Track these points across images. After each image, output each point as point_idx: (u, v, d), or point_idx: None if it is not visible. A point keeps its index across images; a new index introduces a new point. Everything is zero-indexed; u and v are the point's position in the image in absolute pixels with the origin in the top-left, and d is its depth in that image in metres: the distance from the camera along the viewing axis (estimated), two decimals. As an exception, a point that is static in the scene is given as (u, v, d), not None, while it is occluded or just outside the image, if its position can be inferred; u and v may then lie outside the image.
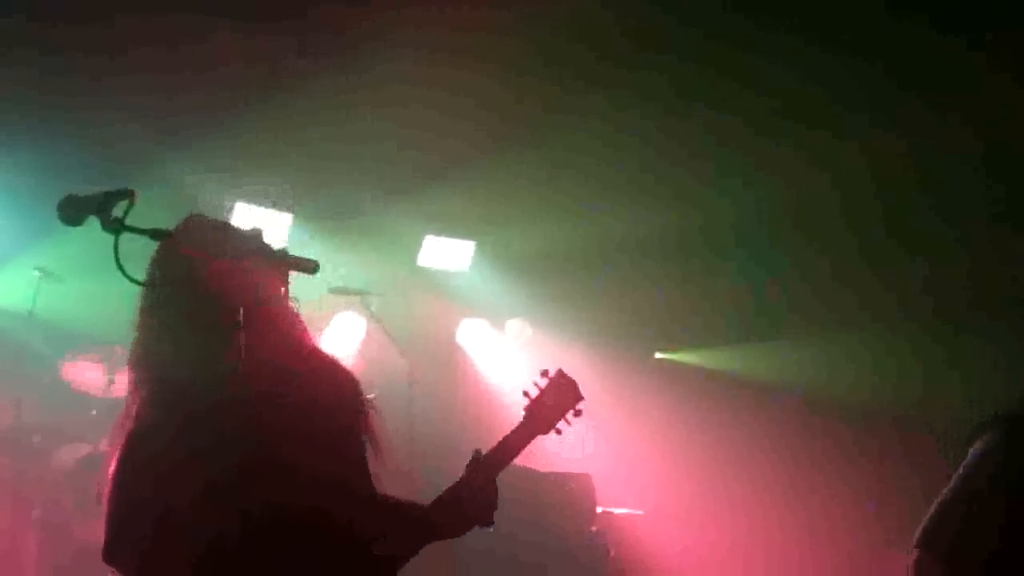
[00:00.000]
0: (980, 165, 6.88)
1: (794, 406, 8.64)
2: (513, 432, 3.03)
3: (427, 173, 7.61)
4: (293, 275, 2.76)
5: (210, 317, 2.62)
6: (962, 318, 7.79)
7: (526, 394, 3.11)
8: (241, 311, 2.61)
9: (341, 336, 7.93)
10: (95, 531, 2.62)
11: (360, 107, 6.86)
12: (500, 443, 2.98)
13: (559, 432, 3.10)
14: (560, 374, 3.14)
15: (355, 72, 6.49)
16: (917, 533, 3.54)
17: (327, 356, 2.86)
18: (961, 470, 3.55)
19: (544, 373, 3.13)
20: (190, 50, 6.29)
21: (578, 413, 3.10)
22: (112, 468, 2.62)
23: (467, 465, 2.92)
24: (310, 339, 2.82)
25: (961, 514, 3.45)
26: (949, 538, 3.44)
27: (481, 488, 2.89)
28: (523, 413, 3.08)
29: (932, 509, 3.54)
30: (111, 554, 2.57)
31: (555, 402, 3.08)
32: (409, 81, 6.62)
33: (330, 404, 2.73)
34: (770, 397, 8.83)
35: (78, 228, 2.61)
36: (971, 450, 3.56)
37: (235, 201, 7.44)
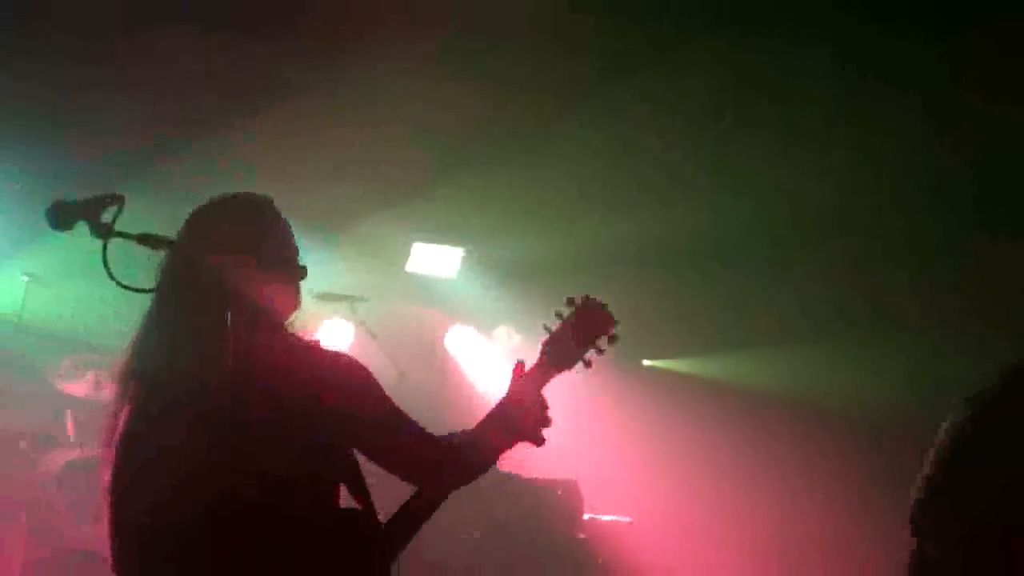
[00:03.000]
0: (971, 174, 6.91)
1: (781, 413, 8.66)
2: (529, 372, 2.86)
3: (416, 180, 7.62)
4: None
5: (207, 318, 2.59)
6: (947, 325, 7.83)
7: (545, 327, 2.89)
8: (233, 313, 2.61)
9: (329, 342, 7.93)
10: (83, 535, 2.63)
11: (348, 113, 6.87)
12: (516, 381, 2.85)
13: (588, 365, 2.92)
14: (586, 300, 2.94)
15: (343, 79, 6.51)
16: (911, 516, 3.66)
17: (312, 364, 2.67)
18: (931, 450, 3.72)
19: (569, 301, 2.93)
20: (179, 57, 6.29)
21: (612, 339, 2.93)
22: (108, 476, 2.63)
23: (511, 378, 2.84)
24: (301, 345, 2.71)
25: (939, 490, 3.60)
26: (936, 513, 3.57)
27: (529, 400, 2.80)
28: (540, 349, 2.88)
29: (913, 493, 3.67)
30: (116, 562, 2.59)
31: (580, 333, 2.90)
32: (398, 88, 6.63)
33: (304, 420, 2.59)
34: (757, 404, 8.86)
35: (67, 233, 2.63)
36: (940, 432, 3.74)
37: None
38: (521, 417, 2.80)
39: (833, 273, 8.05)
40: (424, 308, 8.88)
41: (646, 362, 9.80)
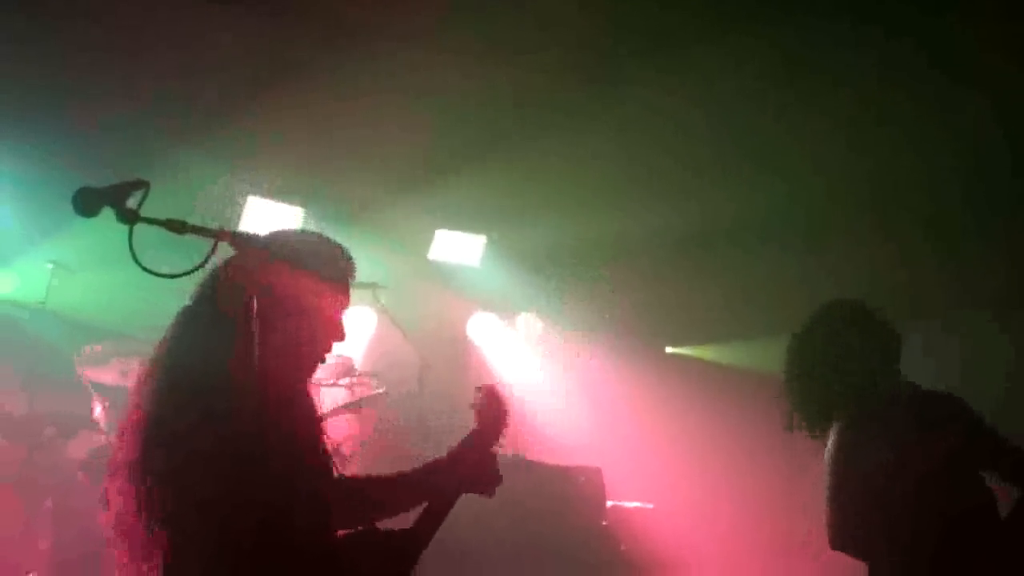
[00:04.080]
0: (986, 162, 6.86)
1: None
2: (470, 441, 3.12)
3: (439, 167, 7.61)
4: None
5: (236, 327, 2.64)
6: (983, 312, 7.77)
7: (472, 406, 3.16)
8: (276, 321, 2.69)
9: (351, 329, 7.94)
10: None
11: (372, 101, 6.87)
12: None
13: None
14: (488, 391, 3.15)
15: (367, 65, 6.50)
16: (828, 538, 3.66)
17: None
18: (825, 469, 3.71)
19: (478, 389, 3.16)
20: (202, 42, 6.30)
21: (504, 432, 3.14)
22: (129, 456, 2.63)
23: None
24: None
25: (842, 510, 3.60)
26: (850, 533, 3.57)
27: (478, 457, 3.04)
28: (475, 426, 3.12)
29: (826, 513, 3.66)
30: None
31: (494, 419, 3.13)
32: (421, 75, 6.62)
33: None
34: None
35: (91, 220, 2.63)
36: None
37: (248, 195, 7.47)
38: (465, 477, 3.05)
39: (860, 261, 8.00)
40: (447, 295, 8.88)
41: (669, 349, 9.77)
